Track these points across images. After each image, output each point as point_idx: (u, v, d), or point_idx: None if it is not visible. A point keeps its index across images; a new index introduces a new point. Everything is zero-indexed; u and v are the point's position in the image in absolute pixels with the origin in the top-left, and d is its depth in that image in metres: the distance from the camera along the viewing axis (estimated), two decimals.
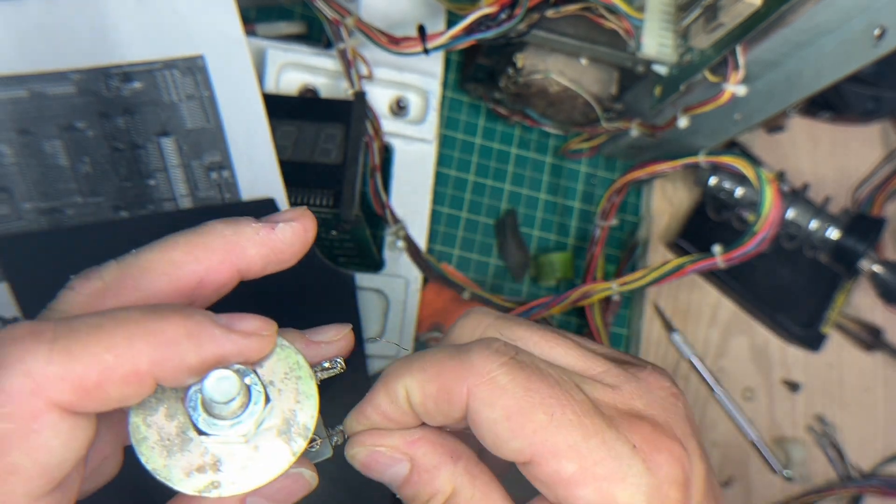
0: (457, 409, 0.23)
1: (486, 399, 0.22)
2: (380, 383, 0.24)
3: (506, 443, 0.22)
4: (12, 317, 0.41)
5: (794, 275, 0.56)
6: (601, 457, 0.21)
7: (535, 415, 0.22)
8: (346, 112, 0.44)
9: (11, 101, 0.40)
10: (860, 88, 0.56)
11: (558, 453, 0.21)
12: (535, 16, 0.42)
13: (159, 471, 0.20)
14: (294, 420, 0.22)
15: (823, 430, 0.57)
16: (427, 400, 0.23)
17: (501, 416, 0.22)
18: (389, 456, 0.24)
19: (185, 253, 0.22)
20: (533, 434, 0.22)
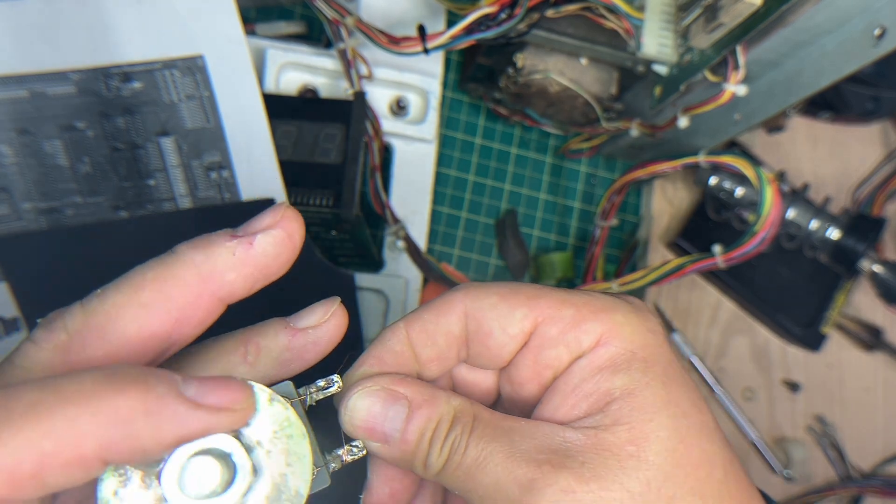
0: (455, 320, 0.24)
1: (479, 295, 0.24)
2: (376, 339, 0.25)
3: (511, 315, 0.24)
4: (12, 317, 0.41)
5: (794, 275, 0.56)
6: (588, 300, 0.24)
7: (523, 289, 0.25)
8: (346, 112, 0.44)
9: (11, 101, 0.40)
10: (860, 88, 0.56)
11: (554, 306, 0.24)
12: (535, 16, 0.42)
13: None
14: (285, 486, 0.20)
15: (823, 430, 0.57)
16: (426, 326, 0.24)
17: (497, 300, 0.24)
18: (386, 395, 0.23)
19: (154, 292, 0.20)
20: (528, 300, 0.24)
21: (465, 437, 0.22)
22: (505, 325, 0.24)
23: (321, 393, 0.22)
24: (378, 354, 0.24)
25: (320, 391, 0.22)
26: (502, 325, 0.24)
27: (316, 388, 0.22)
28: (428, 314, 0.25)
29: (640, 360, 0.23)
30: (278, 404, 0.20)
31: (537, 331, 0.24)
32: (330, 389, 0.23)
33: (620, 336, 0.24)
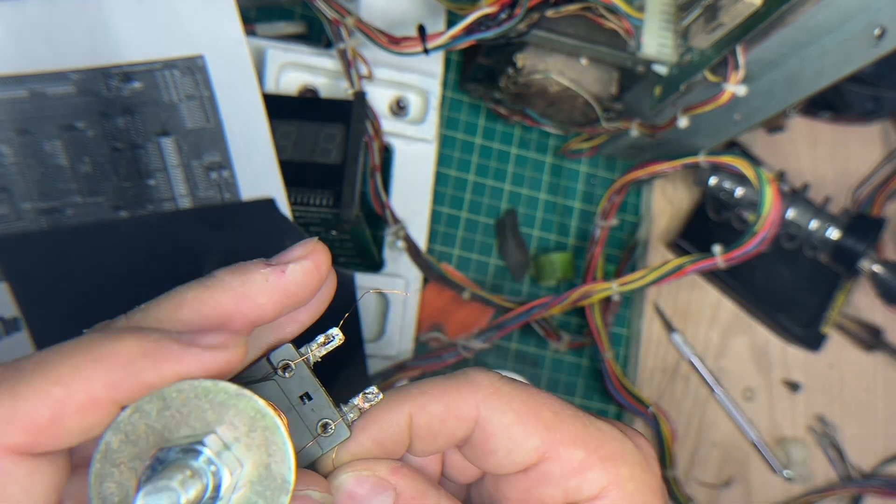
0: (464, 426, 0.24)
1: (497, 406, 0.23)
2: (375, 412, 0.24)
3: (521, 444, 0.23)
4: (12, 317, 0.41)
5: (794, 275, 0.56)
6: (601, 441, 0.24)
7: (543, 413, 0.24)
8: (346, 112, 0.44)
9: (11, 101, 0.40)
10: (860, 88, 0.56)
11: (567, 443, 0.23)
12: (535, 16, 0.42)
13: None
14: (270, 476, 0.20)
15: (823, 431, 0.57)
16: (432, 420, 0.23)
17: (514, 419, 0.23)
18: (376, 482, 0.23)
19: (192, 311, 0.21)
20: (544, 430, 0.23)
21: None
22: (511, 451, 0.23)
23: (323, 349, 0.23)
24: (377, 438, 0.24)
25: (321, 347, 0.23)
26: (508, 450, 0.23)
27: (317, 344, 0.23)
28: (437, 407, 0.23)
29: None
30: (244, 398, 0.20)
31: (541, 464, 0.24)
32: (331, 344, 0.23)
33: (622, 493, 0.23)
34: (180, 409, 0.19)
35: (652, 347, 0.55)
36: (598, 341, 0.52)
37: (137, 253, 0.42)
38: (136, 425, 0.19)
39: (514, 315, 0.50)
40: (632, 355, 0.56)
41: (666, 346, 0.55)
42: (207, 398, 0.20)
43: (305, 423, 0.23)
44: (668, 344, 0.56)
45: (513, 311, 0.50)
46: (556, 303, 0.49)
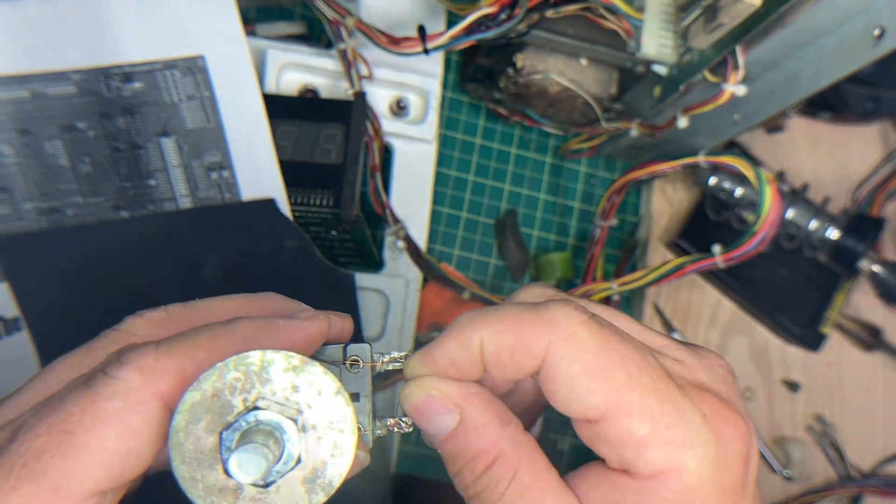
0: (532, 362, 0.23)
1: (567, 354, 0.22)
2: (451, 331, 0.24)
3: (582, 398, 0.22)
4: (12, 317, 0.41)
5: (793, 275, 0.56)
6: (673, 422, 0.22)
7: (615, 373, 0.22)
8: (347, 112, 0.44)
9: (12, 101, 0.40)
10: (859, 89, 0.56)
11: (632, 413, 0.22)
12: (535, 16, 0.42)
13: (184, 480, 0.21)
14: (323, 473, 0.21)
15: (823, 430, 0.57)
16: (502, 351, 0.23)
17: (580, 372, 0.22)
18: (442, 403, 0.23)
19: (241, 304, 0.25)
20: (610, 392, 0.22)
21: (497, 491, 0.23)
22: (571, 401, 0.22)
23: (392, 364, 0.24)
24: (451, 358, 0.24)
25: (392, 361, 0.24)
26: (568, 399, 0.22)
27: (389, 357, 0.24)
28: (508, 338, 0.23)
29: None
30: (342, 399, 0.22)
31: (600, 424, 0.22)
32: (398, 363, 0.24)
33: (681, 485, 0.22)
34: (280, 377, 0.21)
35: None
36: None
37: (138, 253, 0.42)
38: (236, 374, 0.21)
39: None
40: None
41: None
42: (309, 379, 0.22)
43: None
44: None
45: None
46: None
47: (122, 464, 0.21)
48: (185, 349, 0.22)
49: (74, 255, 0.41)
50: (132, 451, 0.21)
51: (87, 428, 0.20)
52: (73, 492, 0.20)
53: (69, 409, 0.20)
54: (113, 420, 0.20)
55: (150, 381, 0.21)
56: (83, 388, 0.21)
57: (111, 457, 0.20)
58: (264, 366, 0.21)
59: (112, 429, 0.20)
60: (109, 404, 0.20)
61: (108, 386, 0.21)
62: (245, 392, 0.21)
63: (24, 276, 0.41)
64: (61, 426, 0.20)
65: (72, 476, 0.20)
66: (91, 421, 0.20)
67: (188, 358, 0.22)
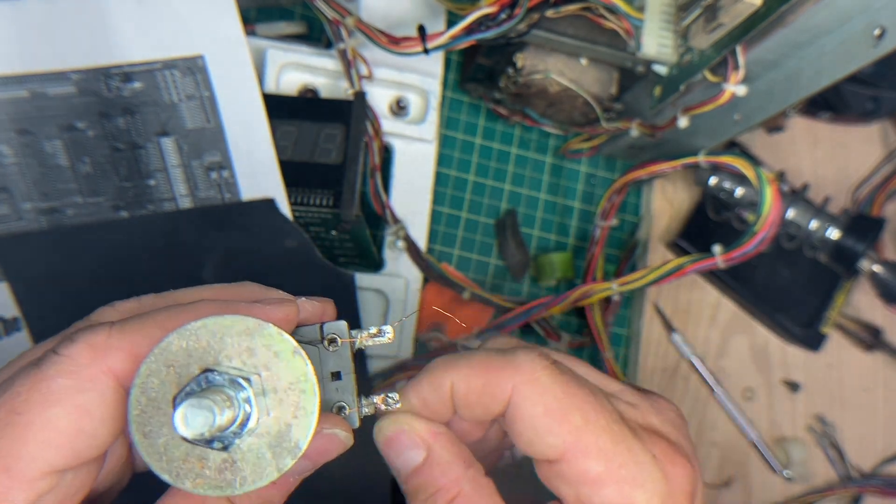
0: (497, 404, 0.24)
1: (530, 396, 0.24)
2: (426, 373, 0.25)
3: (542, 438, 0.24)
4: (12, 317, 0.41)
5: (793, 275, 0.56)
6: (625, 461, 0.23)
7: (573, 415, 0.24)
8: (346, 112, 0.44)
9: (12, 101, 0.40)
10: (860, 89, 0.56)
11: (588, 453, 0.23)
12: (535, 16, 0.42)
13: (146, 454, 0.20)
14: (287, 435, 0.21)
15: (823, 430, 0.57)
16: (471, 393, 0.24)
17: (541, 413, 0.24)
18: (411, 438, 0.25)
19: (216, 292, 0.25)
20: (569, 433, 0.23)
21: None
22: (532, 441, 0.24)
23: (371, 339, 0.24)
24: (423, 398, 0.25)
25: (371, 337, 0.24)
26: (530, 439, 0.24)
27: (368, 334, 0.24)
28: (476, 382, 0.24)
29: None
30: (300, 359, 0.21)
31: (559, 463, 0.24)
32: (379, 338, 0.24)
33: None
34: (234, 342, 0.21)
35: (652, 347, 0.55)
36: (598, 341, 0.52)
37: (138, 253, 0.42)
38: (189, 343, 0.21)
39: (514, 315, 0.50)
40: (632, 355, 0.56)
41: (666, 346, 0.56)
42: (264, 341, 0.21)
43: (324, 399, 0.24)
44: (667, 344, 0.56)
45: (513, 311, 0.50)
46: (556, 303, 0.49)
47: (74, 442, 0.20)
48: (141, 327, 0.22)
49: (74, 256, 0.41)
50: (84, 429, 0.20)
51: (33, 406, 0.20)
52: (25, 472, 0.20)
53: (17, 389, 0.20)
54: (60, 398, 0.20)
55: (101, 359, 0.21)
56: (32, 368, 0.21)
57: (61, 436, 0.20)
58: (218, 331, 0.21)
59: (60, 407, 0.20)
60: (56, 382, 0.20)
61: (55, 364, 0.20)
62: (200, 360, 0.21)
63: (24, 276, 0.41)
64: (8, 407, 0.20)
65: (21, 456, 0.20)
66: (38, 399, 0.20)
67: (142, 335, 0.21)
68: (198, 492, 0.20)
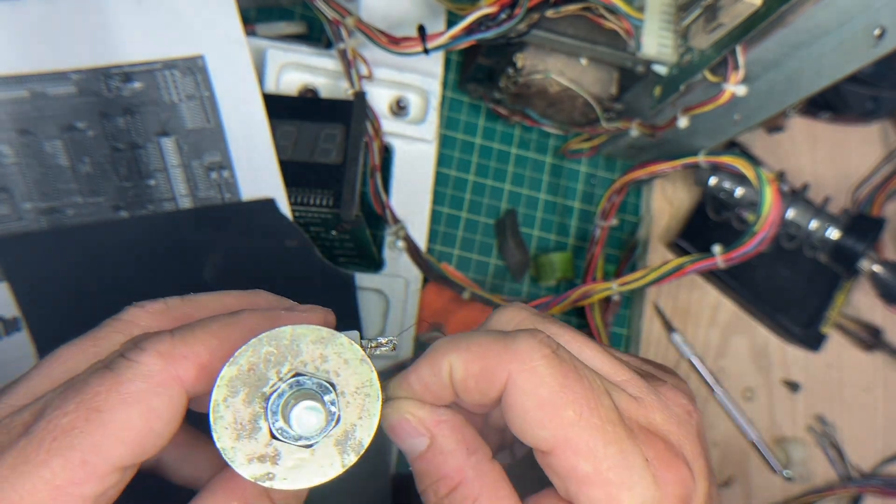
0: (494, 389, 0.24)
1: (524, 386, 0.24)
2: (425, 356, 0.26)
3: (532, 430, 0.24)
4: (12, 317, 0.41)
5: (793, 275, 0.56)
6: (616, 463, 0.23)
7: (565, 411, 0.23)
8: (346, 112, 0.44)
9: (12, 101, 0.40)
10: (860, 89, 0.56)
11: (578, 452, 0.23)
12: (535, 16, 0.42)
13: (226, 451, 0.22)
14: (353, 434, 0.23)
15: (823, 430, 0.57)
16: (469, 377, 0.24)
17: (534, 405, 0.23)
18: (414, 426, 0.25)
19: (236, 300, 0.26)
20: (559, 428, 0.23)
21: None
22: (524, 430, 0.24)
23: (378, 349, 0.26)
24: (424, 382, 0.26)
25: (378, 347, 0.26)
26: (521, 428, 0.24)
27: (376, 343, 0.26)
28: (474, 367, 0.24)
29: None
30: (367, 366, 0.23)
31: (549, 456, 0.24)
32: (385, 348, 0.26)
33: None
34: (310, 349, 0.23)
35: (652, 347, 0.55)
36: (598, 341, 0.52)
37: (138, 253, 0.42)
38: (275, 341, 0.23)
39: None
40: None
41: (666, 346, 0.56)
42: (336, 350, 0.23)
43: None
44: (668, 344, 0.56)
45: None
46: (556, 303, 0.49)
47: (143, 442, 0.22)
48: (199, 337, 0.23)
49: (74, 256, 0.41)
50: (154, 430, 0.22)
51: (112, 406, 0.21)
52: (100, 466, 0.21)
53: (95, 388, 0.21)
54: (137, 400, 0.22)
55: (170, 366, 0.22)
56: (106, 370, 0.22)
57: (134, 434, 0.21)
58: (294, 339, 0.23)
59: (136, 408, 0.21)
60: (133, 385, 0.22)
61: (130, 369, 0.22)
62: (278, 364, 0.22)
63: (24, 276, 0.41)
64: (89, 404, 0.21)
65: (99, 451, 0.21)
66: (116, 400, 0.21)
67: (203, 345, 0.23)
68: (269, 485, 0.22)
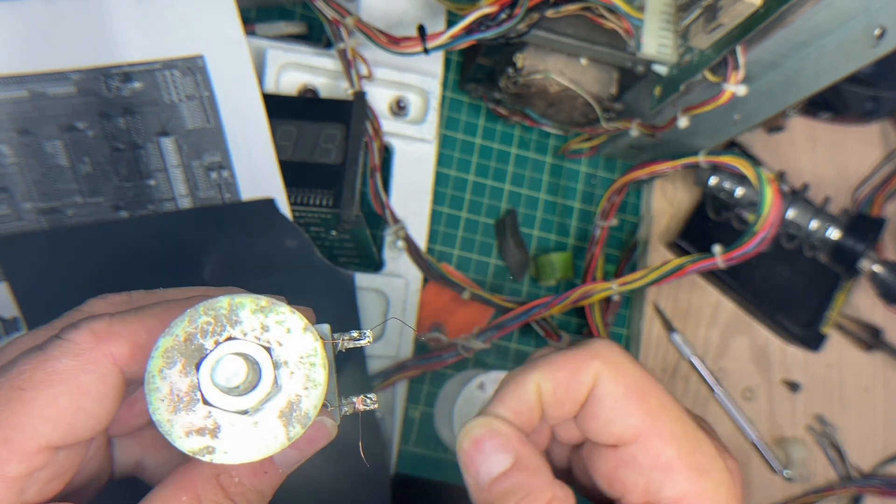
0: (582, 392, 0.25)
1: (613, 376, 0.25)
2: (507, 383, 0.26)
3: (623, 418, 0.24)
4: (12, 317, 0.41)
5: (793, 275, 0.56)
6: (695, 449, 0.24)
7: (651, 399, 0.25)
8: (346, 112, 0.44)
9: (12, 101, 0.40)
10: (859, 89, 0.56)
11: (663, 437, 0.24)
12: (535, 16, 0.42)
13: (162, 423, 0.21)
14: (298, 406, 0.22)
15: (823, 430, 0.57)
16: (558, 388, 0.25)
17: (623, 394, 0.24)
18: (502, 442, 0.25)
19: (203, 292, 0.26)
20: (646, 415, 0.24)
21: None
22: (611, 422, 0.25)
23: (352, 342, 0.25)
24: (513, 408, 0.26)
25: (352, 340, 0.25)
26: (608, 419, 0.25)
27: (349, 337, 0.25)
28: (562, 375, 0.25)
29: None
30: (311, 335, 0.22)
31: (633, 446, 0.25)
32: (360, 341, 0.25)
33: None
34: (249, 318, 0.22)
35: (652, 347, 0.55)
36: None
37: (138, 253, 0.42)
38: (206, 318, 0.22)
39: (514, 315, 0.50)
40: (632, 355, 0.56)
41: (666, 347, 0.56)
42: (277, 318, 0.22)
43: None
44: (668, 344, 0.56)
45: (513, 311, 0.50)
46: (556, 303, 0.49)
47: (72, 421, 0.21)
48: (140, 318, 0.23)
49: (74, 256, 0.41)
50: (83, 408, 0.21)
51: (36, 384, 0.21)
52: (24, 445, 0.21)
53: (21, 367, 0.21)
54: (63, 378, 0.21)
55: (103, 343, 0.22)
56: (35, 349, 0.22)
57: (61, 413, 0.21)
58: (233, 308, 0.22)
59: (62, 386, 0.21)
60: (60, 363, 0.21)
61: (59, 346, 0.22)
62: (216, 335, 0.22)
63: (24, 276, 0.41)
64: (12, 383, 0.21)
65: (22, 429, 0.20)
66: (42, 377, 0.21)
67: (141, 324, 0.22)
68: (209, 459, 0.21)
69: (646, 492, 0.24)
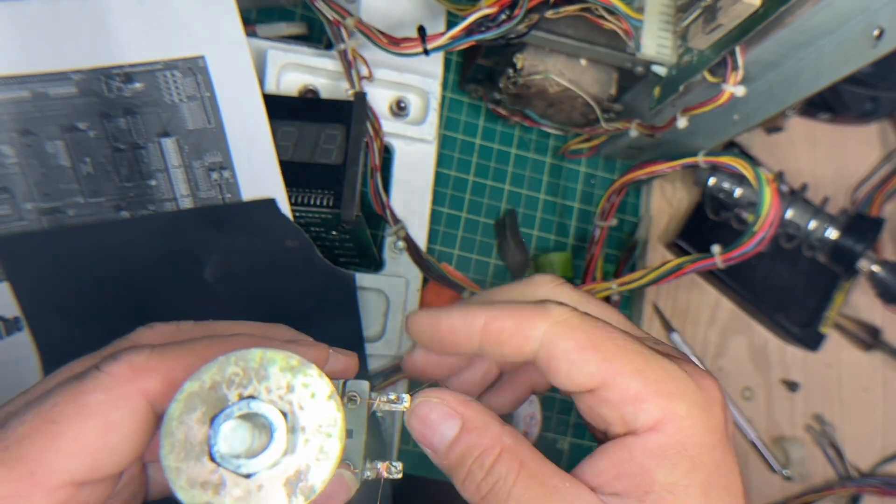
0: (530, 344, 0.26)
1: (562, 334, 0.25)
2: (459, 306, 0.27)
3: (579, 370, 0.25)
4: (13, 317, 0.41)
5: (792, 275, 0.57)
6: (661, 377, 0.25)
7: (605, 344, 0.25)
8: (347, 112, 0.44)
9: (13, 101, 0.40)
10: (858, 89, 0.56)
11: (625, 374, 0.25)
12: (535, 16, 0.42)
13: (170, 470, 0.21)
14: (305, 476, 0.21)
15: (822, 430, 0.57)
16: (503, 331, 0.26)
17: (574, 347, 0.25)
18: (444, 410, 0.25)
19: (252, 328, 0.26)
20: (602, 360, 0.25)
21: (508, 482, 0.24)
22: (571, 373, 0.25)
23: (389, 405, 0.25)
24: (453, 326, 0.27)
25: (389, 403, 0.25)
26: (568, 372, 0.25)
27: (386, 398, 0.25)
28: (509, 323, 0.26)
29: (688, 459, 0.24)
30: (334, 404, 0.22)
31: (600, 390, 0.25)
32: (396, 406, 0.25)
33: (677, 429, 0.24)
34: (277, 376, 0.22)
35: None
36: None
37: (138, 253, 0.42)
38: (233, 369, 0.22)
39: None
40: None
41: None
42: (304, 381, 0.22)
43: None
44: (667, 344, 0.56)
45: None
46: None
47: (98, 457, 0.21)
48: (179, 354, 0.22)
49: (75, 256, 0.41)
50: (110, 444, 0.21)
51: (68, 417, 0.21)
52: (48, 479, 0.20)
53: (55, 399, 0.21)
54: (94, 412, 0.21)
55: (138, 379, 0.22)
56: (73, 381, 0.21)
57: (87, 449, 0.21)
58: (263, 363, 0.22)
59: (92, 420, 0.21)
60: (92, 396, 0.21)
61: (94, 379, 0.21)
62: (241, 387, 0.21)
63: (25, 276, 0.41)
64: (45, 415, 0.21)
65: (48, 463, 0.20)
66: (73, 411, 0.21)
67: (179, 362, 0.22)
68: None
69: (623, 423, 0.25)
